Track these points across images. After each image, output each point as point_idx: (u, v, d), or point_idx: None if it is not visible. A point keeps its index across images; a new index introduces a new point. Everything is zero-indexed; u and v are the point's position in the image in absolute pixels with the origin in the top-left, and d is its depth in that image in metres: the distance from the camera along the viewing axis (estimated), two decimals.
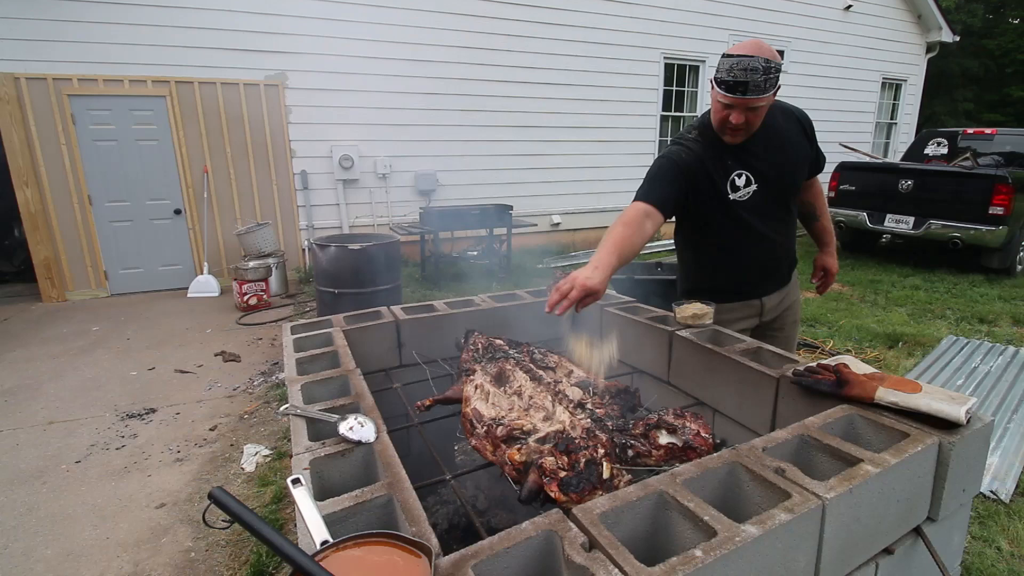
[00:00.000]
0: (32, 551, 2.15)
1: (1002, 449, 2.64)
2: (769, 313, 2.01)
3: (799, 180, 1.88)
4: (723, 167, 1.75)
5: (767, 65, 1.51)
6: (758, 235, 1.84)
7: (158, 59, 5.60)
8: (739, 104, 1.57)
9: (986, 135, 7.38)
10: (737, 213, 1.79)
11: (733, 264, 1.92)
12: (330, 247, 4.10)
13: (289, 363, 1.53)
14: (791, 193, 1.88)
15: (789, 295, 2.05)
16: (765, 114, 1.69)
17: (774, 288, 1.99)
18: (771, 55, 1.54)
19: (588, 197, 8.24)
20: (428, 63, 6.73)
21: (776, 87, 1.58)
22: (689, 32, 8.36)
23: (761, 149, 1.76)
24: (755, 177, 1.76)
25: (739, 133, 1.68)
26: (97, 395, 3.52)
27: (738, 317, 1.98)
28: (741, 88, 1.53)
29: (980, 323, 4.82)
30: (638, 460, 1.08)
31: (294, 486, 0.89)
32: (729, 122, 1.63)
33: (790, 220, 1.94)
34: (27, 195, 5.40)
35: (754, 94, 1.54)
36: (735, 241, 1.87)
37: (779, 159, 1.78)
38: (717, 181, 1.75)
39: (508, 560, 0.80)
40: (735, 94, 1.55)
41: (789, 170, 1.81)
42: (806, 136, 1.86)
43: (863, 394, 1.19)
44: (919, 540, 1.11)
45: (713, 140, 1.75)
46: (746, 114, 1.60)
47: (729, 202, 1.77)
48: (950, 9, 17.16)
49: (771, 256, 1.92)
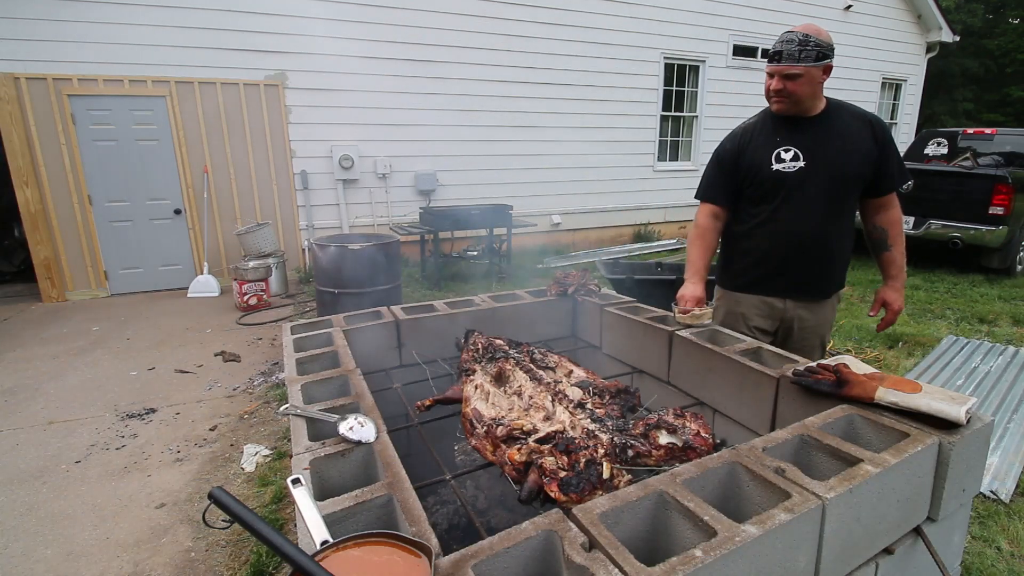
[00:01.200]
0: (32, 551, 2.15)
1: (1002, 449, 2.64)
2: (791, 322, 1.96)
3: (852, 171, 1.84)
4: (771, 142, 1.89)
5: (803, 38, 1.71)
6: (800, 216, 1.85)
7: (158, 59, 5.60)
8: (776, 71, 1.78)
9: (986, 135, 7.38)
10: (780, 185, 1.86)
11: (769, 242, 1.92)
12: (330, 247, 4.10)
13: (289, 363, 1.53)
14: (842, 184, 1.85)
15: (821, 312, 1.98)
16: (824, 106, 1.85)
17: (804, 294, 1.94)
18: (815, 32, 1.73)
19: (588, 197, 8.24)
20: (428, 63, 6.73)
21: (816, 62, 1.72)
22: (689, 32, 8.35)
23: (816, 133, 1.85)
24: (804, 155, 1.84)
25: (782, 101, 1.82)
26: (97, 395, 3.51)
27: (756, 313, 1.97)
28: (777, 56, 1.76)
29: (980, 323, 4.82)
30: (638, 460, 1.08)
31: (294, 486, 0.89)
32: (771, 89, 1.81)
33: (840, 222, 1.89)
34: (27, 195, 5.39)
35: (788, 62, 1.73)
36: (776, 215, 1.89)
37: (833, 144, 1.83)
38: (762, 152, 1.89)
39: (508, 560, 0.80)
40: (773, 62, 1.78)
41: (843, 160, 1.83)
42: (874, 139, 1.86)
43: (863, 394, 1.19)
44: (919, 540, 1.11)
45: (771, 119, 1.92)
46: (784, 82, 1.77)
47: (771, 172, 1.87)
48: (950, 9, 17.16)
49: (810, 247, 1.88)
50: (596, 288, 2.21)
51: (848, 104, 1.94)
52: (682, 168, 8.92)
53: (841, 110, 1.89)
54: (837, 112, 1.88)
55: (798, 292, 1.94)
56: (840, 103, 1.92)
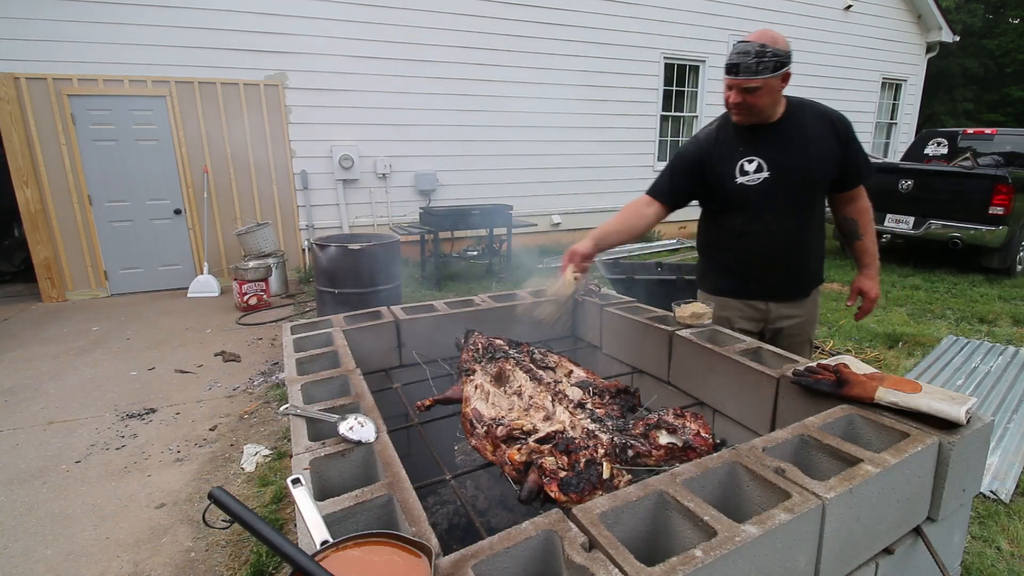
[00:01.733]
0: (32, 551, 2.15)
1: (1002, 449, 2.64)
2: (775, 322, 1.97)
3: (818, 176, 1.84)
4: (734, 152, 1.83)
5: (761, 49, 1.63)
6: (769, 226, 1.84)
7: (158, 59, 5.60)
8: (734, 84, 1.71)
9: (986, 135, 7.37)
10: (746, 198, 1.83)
11: (742, 252, 1.91)
12: (330, 247, 4.10)
13: (289, 363, 1.53)
14: (808, 189, 1.84)
15: (802, 311, 2.00)
16: (784, 108, 1.79)
17: (785, 296, 1.95)
18: (771, 41, 1.65)
19: (588, 197, 8.24)
20: (428, 63, 6.73)
21: (775, 72, 1.65)
22: (689, 32, 8.36)
23: (777, 139, 1.80)
24: (767, 164, 1.80)
25: (742, 113, 1.77)
26: (97, 395, 3.52)
27: (739, 316, 1.97)
28: (734, 70, 1.68)
29: (980, 323, 4.82)
30: (638, 460, 1.08)
31: (294, 486, 0.89)
32: (730, 102, 1.76)
33: (810, 224, 1.89)
34: (27, 195, 5.40)
35: (744, 75, 1.66)
36: (745, 228, 1.87)
37: (796, 151, 1.80)
38: (725, 164, 1.84)
39: (508, 560, 0.80)
40: (730, 75, 1.70)
41: (806, 163, 1.80)
42: (837, 138, 1.83)
43: (863, 394, 1.19)
44: (919, 540, 1.11)
45: (731, 127, 1.86)
46: (743, 95, 1.71)
47: (736, 185, 1.83)
48: (950, 9, 17.17)
49: (783, 253, 1.89)
50: (596, 288, 2.21)
51: (809, 102, 1.88)
52: None
53: (802, 110, 1.83)
54: (798, 113, 1.82)
55: (778, 295, 1.95)
56: (801, 102, 1.85)
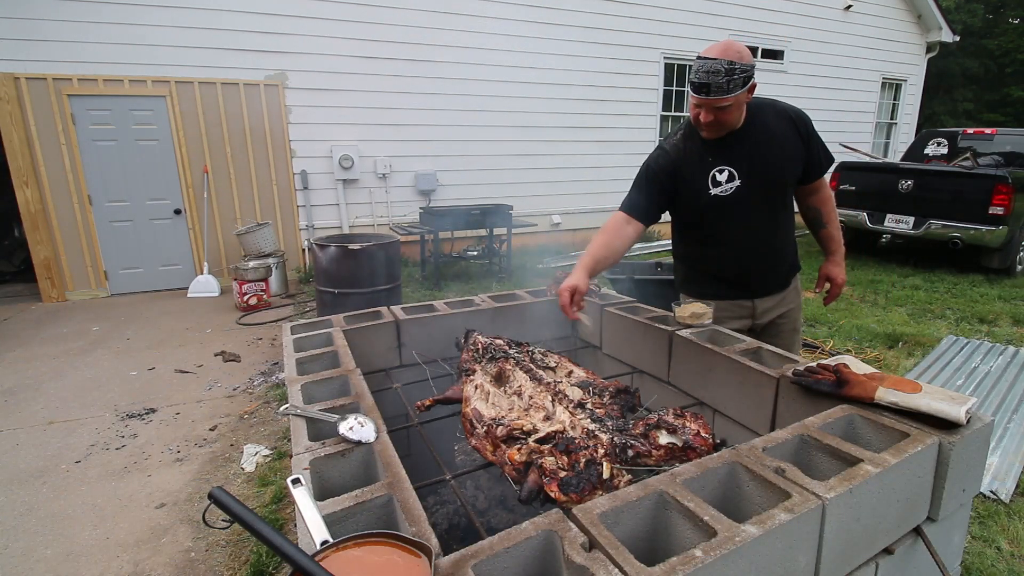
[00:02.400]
0: (32, 551, 2.15)
1: (1002, 449, 2.64)
2: (762, 316, 1.99)
3: (787, 177, 1.85)
4: (704, 164, 1.81)
5: (730, 67, 1.58)
6: (745, 232, 1.85)
7: (158, 59, 5.60)
8: (704, 104, 1.66)
9: (986, 135, 7.37)
10: (721, 208, 1.82)
11: (720, 260, 1.93)
12: (330, 247, 4.09)
13: (289, 363, 1.53)
14: (779, 190, 1.85)
15: (786, 300, 2.02)
16: (746, 112, 1.75)
17: (767, 291, 1.97)
18: (737, 56, 1.60)
19: (588, 197, 8.24)
20: (427, 63, 6.72)
21: (744, 87, 1.62)
22: (689, 32, 8.35)
23: (744, 145, 1.78)
24: (738, 173, 1.79)
25: (713, 130, 1.74)
26: (97, 395, 3.51)
27: (728, 316, 1.98)
28: (704, 89, 1.61)
29: (980, 323, 4.82)
30: (638, 460, 1.08)
31: (294, 486, 0.89)
32: (700, 120, 1.71)
33: (783, 220, 1.92)
34: (27, 195, 5.40)
35: (716, 95, 1.61)
36: (721, 237, 1.88)
37: (764, 155, 1.78)
38: (697, 177, 1.81)
39: (508, 560, 0.80)
40: (700, 95, 1.64)
41: (775, 166, 1.80)
42: (799, 135, 1.83)
43: (863, 394, 1.19)
44: (919, 540, 1.11)
45: (696, 138, 1.82)
46: (714, 113, 1.67)
47: (711, 197, 1.81)
48: (950, 9, 17.16)
49: (761, 255, 1.91)
50: (596, 288, 2.21)
51: (767, 101, 1.86)
52: None
53: (763, 112, 1.81)
54: (761, 116, 1.80)
55: (759, 292, 1.97)
56: (760, 103, 1.82)
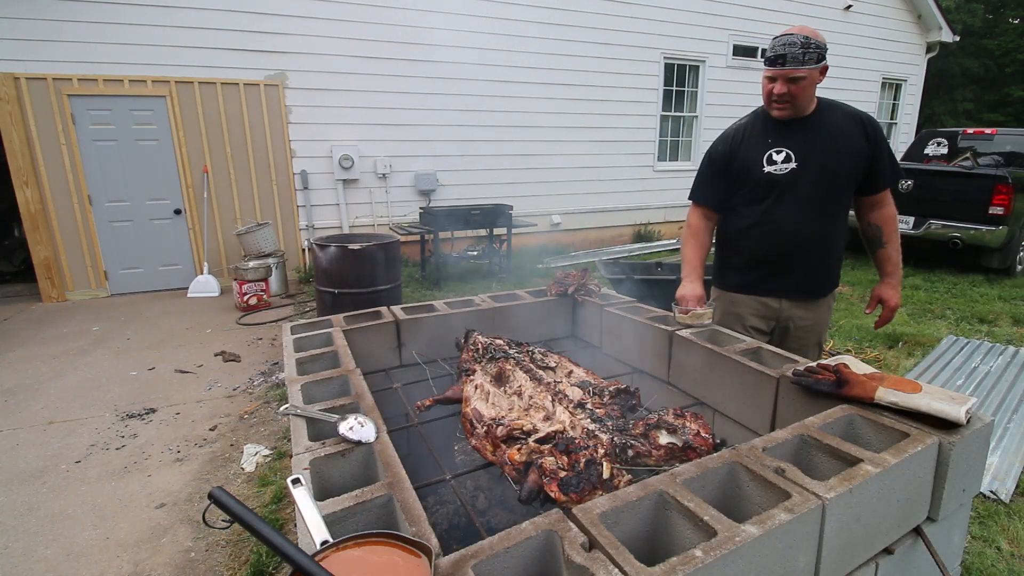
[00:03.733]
0: (32, 551, 2.15)
1: (1002, 449, 2.64)
2: (786, 321, 1.98)
3: (846, 169, 1.85)
4: (764, 143, 1.88)
5: (805, 41, 1.70)
6: (794, 217, 1.86)
7: (158, 59, 5.60)
8: (780, 75, 1.75)
9: (986, 135, 7.37)
10: (772, 187, 1.87)
11: (764, 242, 1.92)
12: (330, 247, 4.09)
13: (289, 363, 1.53)
14: (835, 183, 1.86)
15: (815, 313, 2.00)
16: (815, 105, 1.84)
17: (800, 294, 1.95)
18: (812, 34, 1.73)
19: (588, 197, 8.24)
20: (428, 63, 6.72)
21: (817, 64, 1.73)
22: (689, 32, 8.35)
23: (807, 133, 1.84)
24: (796, 155, 1.84)
25: (785, 106, 1.80)
26: (97, 395, 3.51)
27: (751, 313, 1.97)
28: (781, 60, 1.73)
29: (980, 323, 4.82)
30: (638, 460, 1.08)
31: (294, 486, 0.89)
32: (773, 94, 1.79)
33: (834, 221, 1.90)
34: (27, 195, 5.39)
35: (792, 65, 1.72)
36: (767, 216, 1.89)
37: (824, 143, 1.83)
38: (754, 154, 1.89)
39: (508, 560, 0.80)
40: (775, 66, 1.75)
41: (834, 155, 1.83)
42: (865, 135, 1.86)
43: (863, 394, 1.19)
44: (919, 540, 1.11)
45: (762, 120, 1.92)
46: (788, 85, 1.75)
47: (763, 174, 1.87)
48: (950, 9, 17.17)
49: (804, 249, 1.89)
50: (596, 288, 2.21)
51: (840, 103, 1.93)
52: (682, 168, 8.92)
53: (833, 109, 1.89)
54: (829, 111, 1.87)
55: (793, 292, 1.95)
56: (832, 102, 1.91)
